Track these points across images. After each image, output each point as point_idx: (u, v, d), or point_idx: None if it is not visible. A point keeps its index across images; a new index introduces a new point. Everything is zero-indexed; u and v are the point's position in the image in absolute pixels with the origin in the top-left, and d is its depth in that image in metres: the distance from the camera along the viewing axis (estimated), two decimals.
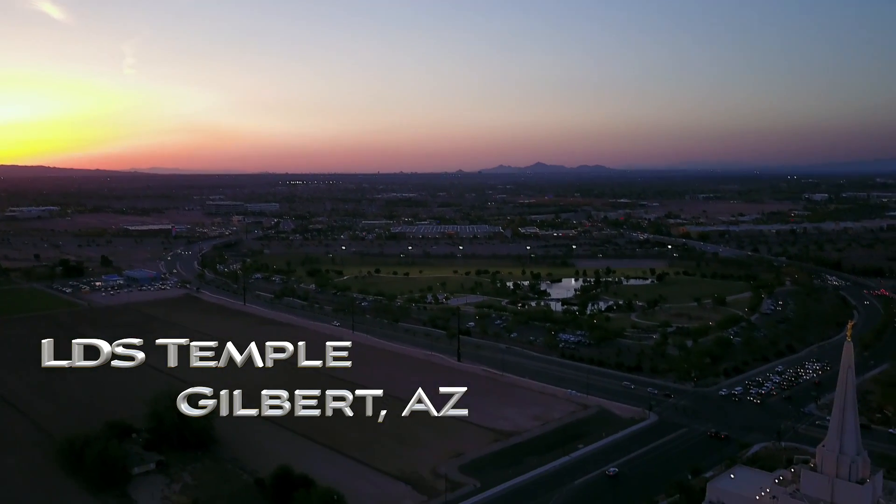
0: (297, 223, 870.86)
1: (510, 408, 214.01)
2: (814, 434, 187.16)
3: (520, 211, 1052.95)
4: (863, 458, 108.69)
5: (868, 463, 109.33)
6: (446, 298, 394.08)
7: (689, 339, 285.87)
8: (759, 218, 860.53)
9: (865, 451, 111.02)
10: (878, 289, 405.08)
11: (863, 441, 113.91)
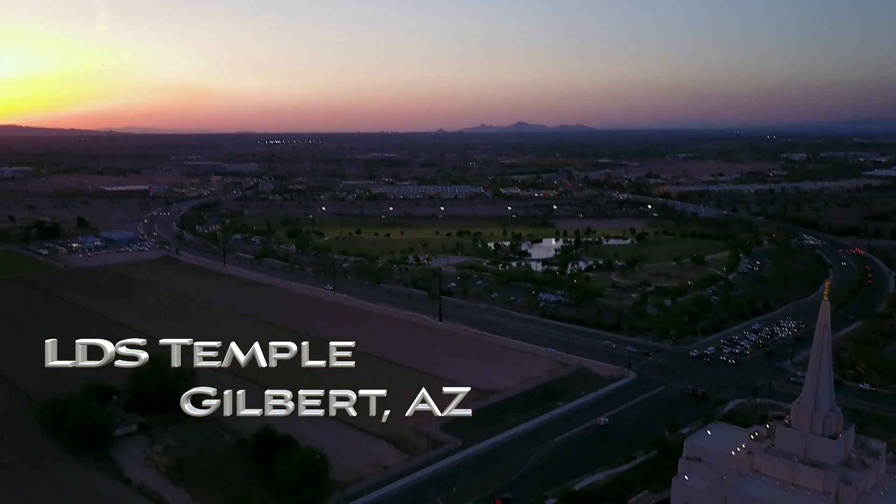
0: (276, 184, 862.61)
1: (491, 366, 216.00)
2: (788, 390, 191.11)
3: (501, 171, 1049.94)
4: (836, 413, 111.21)
5: (841, 419, 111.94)
6: (428, 259, 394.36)
7: (668, 299, 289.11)
8: (738, 178, 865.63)
9: (838, 406, 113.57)
10: (854, 248, 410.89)
11: (835, 397, 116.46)
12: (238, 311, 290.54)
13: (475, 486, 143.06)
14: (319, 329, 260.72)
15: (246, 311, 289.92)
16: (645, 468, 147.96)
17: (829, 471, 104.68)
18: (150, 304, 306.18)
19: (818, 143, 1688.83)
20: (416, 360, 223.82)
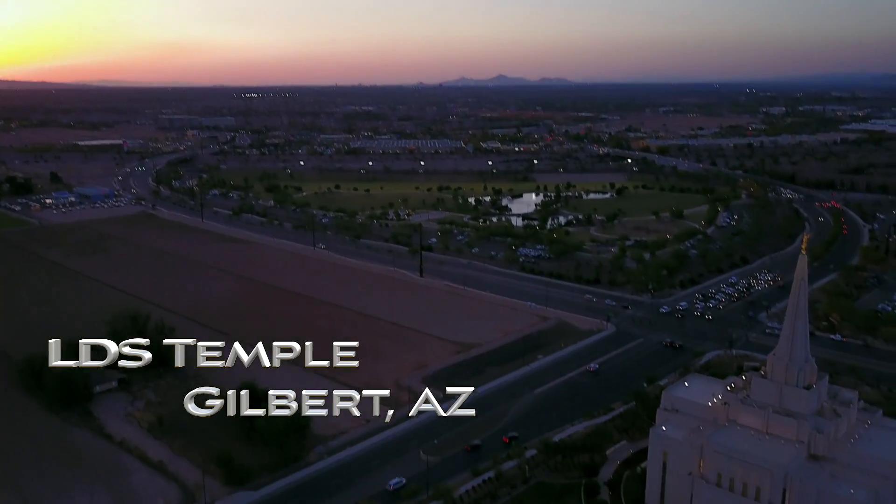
0: (253, 138, 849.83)
1: (472, 321, 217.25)
2: (764, 342, 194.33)
3: (481, 125, 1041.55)
4: (810, 365, 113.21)
5: (815, 370, 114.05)
6: (408, 215, 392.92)
7: (647, 252, 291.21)
8: (717, 132, 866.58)
9: (812, 358, 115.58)
10: (830, 201, 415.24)
11: (809, 348, 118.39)
12: (217, 267, 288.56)
13: (456, 439, 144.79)
14: (300, 285, 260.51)
15: (225, 267, 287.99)
16: (623, 419, 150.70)
17: (802, 420, 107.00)
18: (127, 260, 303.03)
19: (797, 97, 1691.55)
20: (397, 315, 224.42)
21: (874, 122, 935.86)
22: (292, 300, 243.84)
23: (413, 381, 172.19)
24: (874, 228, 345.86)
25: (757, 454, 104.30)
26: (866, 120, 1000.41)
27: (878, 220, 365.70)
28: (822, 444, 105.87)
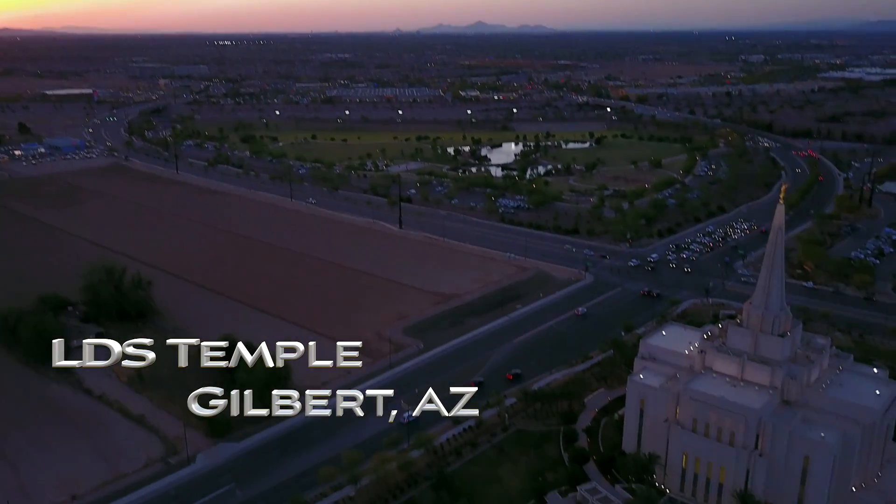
0: (227, 87, 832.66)
1: (451, 272, 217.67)
2: (740, 290, 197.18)
3: (460, 73, 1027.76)
4: (785, 313, 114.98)
5: (790, 317, 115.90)
6: (386, 165, 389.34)
7: (625, 202, 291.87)
8: (696, 80, 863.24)
9: (788, 306, 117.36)
10: (806, 150, 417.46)
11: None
12: (193, 219, 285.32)
13: (436, 388, 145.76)
14: (277, 237, 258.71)
15: (201, 219, 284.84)
16: (601, 367, 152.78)
17: (776, 367, 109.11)
18: (102, 213, 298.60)
19: (776, 45, 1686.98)
20: (376, 266, 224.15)
21: (851, 70, 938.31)
22: (270, 252, 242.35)
23: (393, 332, 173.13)
24: (849, 177, 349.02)
25: (731, 400, 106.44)
26: (844, 68, 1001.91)
27: (853, 168, 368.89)
28: (794, 389, 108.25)
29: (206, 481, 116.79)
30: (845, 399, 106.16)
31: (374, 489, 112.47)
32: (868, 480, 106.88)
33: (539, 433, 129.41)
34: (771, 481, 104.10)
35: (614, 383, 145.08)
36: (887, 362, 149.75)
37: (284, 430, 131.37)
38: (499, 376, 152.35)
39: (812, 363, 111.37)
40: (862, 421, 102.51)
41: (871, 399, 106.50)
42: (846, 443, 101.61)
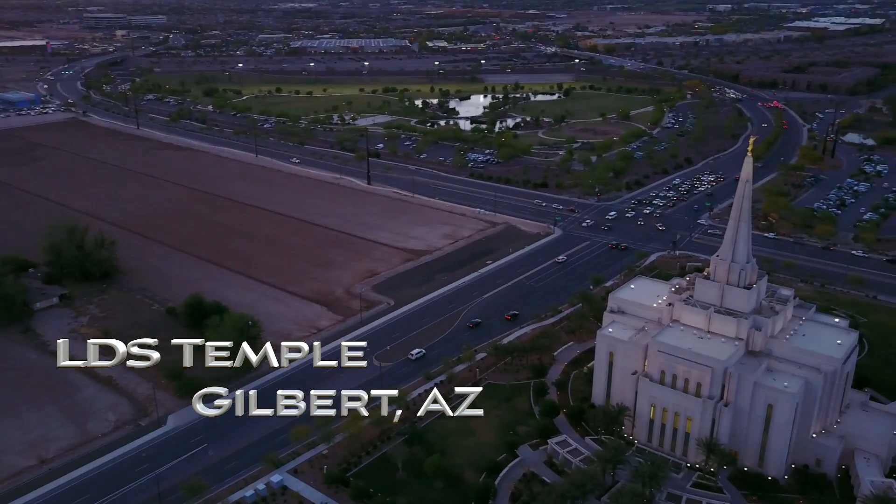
0: (188, 38, 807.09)
1: (421, 228, 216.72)
2: (706, 242, 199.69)
3: (427, 23, 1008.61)
4: (751, 265, 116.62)
5: (756, 270, 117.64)
6: (353, 119, 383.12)
7: (594, 155, 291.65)
8: (664, 30, 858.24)
9: (754, 259, 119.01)
10: (772, 101, 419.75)
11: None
12: (157, 176, 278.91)
13: (408, 346, 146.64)
14: (244, 193, 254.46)
15: (165, 176, 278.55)
16: (570, 321, 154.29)
17: (742, 318, 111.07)
18: (61, 170, 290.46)
19: None
20: (345, 223, 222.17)
21: (817, 20, 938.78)
22: (237, 209, 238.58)
23: (364, 289, 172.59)
24: (813, 128, 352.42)
25: (698, 352, 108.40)
26: (810, 17, 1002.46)
27: (817, 119, 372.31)
28: (759, 340, 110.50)
29: (178, 442, 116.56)
30: (808, 349, 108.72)
31: (347, 446, 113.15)
32: (828, 426, 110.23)
33: (510, 387, 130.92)
34: (736, 430, 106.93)
35: (584, 336, 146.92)
36: (847, 311, 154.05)
37: (256, 389, 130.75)
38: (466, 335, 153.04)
39: (776, 314, 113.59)
40: (824, 369, 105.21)
41: (833, 348, 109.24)
42: (808, 391, 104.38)
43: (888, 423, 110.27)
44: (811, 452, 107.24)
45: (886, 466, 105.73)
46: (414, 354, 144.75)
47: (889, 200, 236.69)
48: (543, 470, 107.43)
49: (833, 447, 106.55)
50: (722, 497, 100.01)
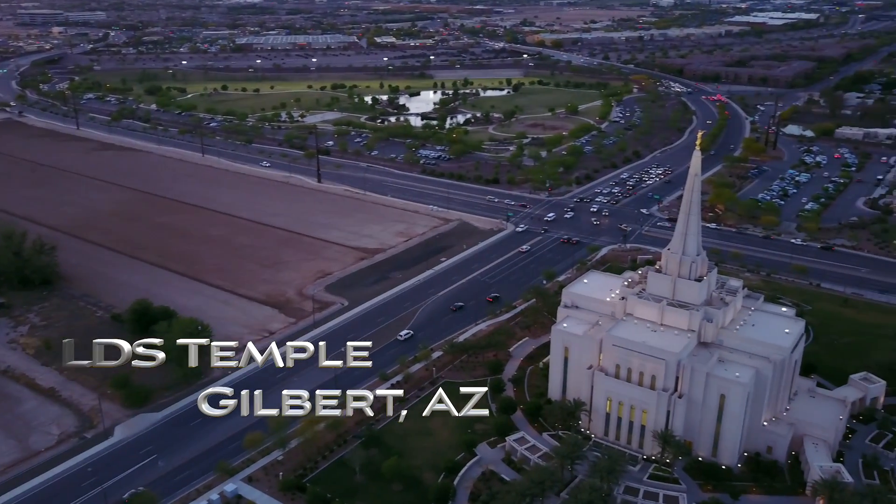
0: (129, 35, 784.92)
1: (374, 226, 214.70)
2: (656, 235, 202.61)
3: (375, 19, 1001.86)
4: (702, 258, 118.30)
5: (706, 262, 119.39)
6: (302, 116, 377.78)
7: (544, 150, 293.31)
8: (609, 25, 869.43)
9: (704, 251, 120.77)
10: (715, 94, 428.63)
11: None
12: (98, 177, 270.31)
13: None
14: (191, 194, 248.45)
15: (108, 177, 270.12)
16: (525, 316, 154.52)
17: (693, 311, 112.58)
18: None
19: None
20: (295, 222, 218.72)
21: (755, 15, 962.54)
22: (184, 210, 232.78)
23: (316, 289, 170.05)
24: (755, 120, 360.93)
25: (652, 345, 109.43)
26: (748, 12, 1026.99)
27: (758, 111, 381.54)
28: (711, 331, 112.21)
29: (126, 454, 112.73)
30: (757, 339, 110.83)
31: (303, 451, 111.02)
32: (778, 414, 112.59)
33: (467, 384, 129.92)
34: (690, 421, 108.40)
35: (538, 332, 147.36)
36: (793, 299, 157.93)
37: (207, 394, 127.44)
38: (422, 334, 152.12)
39: (727, 305, 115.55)
40: (773, 359, 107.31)
41: (781, 337, 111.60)
42: (759, 380, 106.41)
43: (835, 409, 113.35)
44: (762, 440, 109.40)
45: (834, 451, 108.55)
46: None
47: (829, 190, 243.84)
48: (502, 468, 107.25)
49: (783, 434, 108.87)
50: (678, 488, 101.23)
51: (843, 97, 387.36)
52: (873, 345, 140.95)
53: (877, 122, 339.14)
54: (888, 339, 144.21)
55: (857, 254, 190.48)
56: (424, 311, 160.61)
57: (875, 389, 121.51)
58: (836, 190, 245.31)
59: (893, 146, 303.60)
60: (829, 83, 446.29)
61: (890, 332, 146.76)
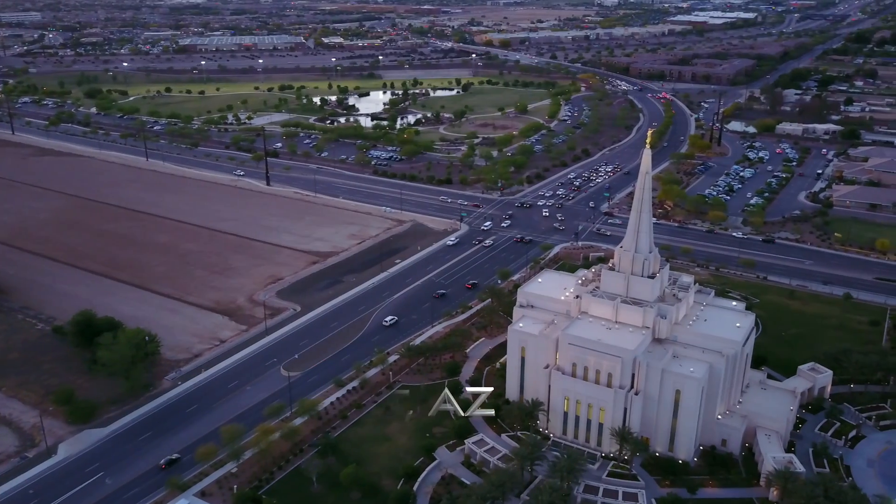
0: (66, 36, 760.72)
1: (326, 229, 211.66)
2: (607, 232, 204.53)
3: (322, 19, 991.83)
4: (654, 255, 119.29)
5: (659, 259, 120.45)
6: (249, 118, 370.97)
7: (495, 150, 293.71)
8: (556, 24, 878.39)
9: (656, 248, 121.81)
10: (661, 92, 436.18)
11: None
12: (37, 184, 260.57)
13: (318, 353, 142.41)
14: (135, 200, 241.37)
15: (46, 184, 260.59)
16: (481, 317, 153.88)
17: (647, 307, 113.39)
18: None
19: None
20: (245, 227, 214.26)
21: (697, 14, 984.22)
22: (128, 217, 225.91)
23: (267, 295, 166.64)
24: (700, 117, 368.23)
25: (608, 343, 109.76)
26: (690, 12, 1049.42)
27: (702, 109, 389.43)
28: (665, 328, 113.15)
29: (71, 473, 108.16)
30: (710, 333, 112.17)
31: (258, 462, 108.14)
32: (731, 407, 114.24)
33: (424, 388, 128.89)
34: (646, 417, 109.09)
35: (495, 332, 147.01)
36: (741, 293, 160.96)
37: (154, 410, 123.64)
38: (378, 338, 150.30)
39: (679, 301, 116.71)
40: (726, 353, 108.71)
41: (733, 331, 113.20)
42: (713, 375, 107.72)
43: (785, 400, 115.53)
44: (717, 433, 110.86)
45: (785, 442, 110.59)
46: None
47: (772, 185, 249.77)
48: (462, 471, 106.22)
49: (737, 427, 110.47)
50: (636, 484, 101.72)
51: (782, 94, 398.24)
52: (819, 335, 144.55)
53: (815, 117, 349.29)
54: (832, 329, 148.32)
55: (801, 246, 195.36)
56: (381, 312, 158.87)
57: (822, 379, 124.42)
58: (779, 184, 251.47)
59: (831, 141, 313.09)
60: (769, 80, 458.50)
61: (834, 323, 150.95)
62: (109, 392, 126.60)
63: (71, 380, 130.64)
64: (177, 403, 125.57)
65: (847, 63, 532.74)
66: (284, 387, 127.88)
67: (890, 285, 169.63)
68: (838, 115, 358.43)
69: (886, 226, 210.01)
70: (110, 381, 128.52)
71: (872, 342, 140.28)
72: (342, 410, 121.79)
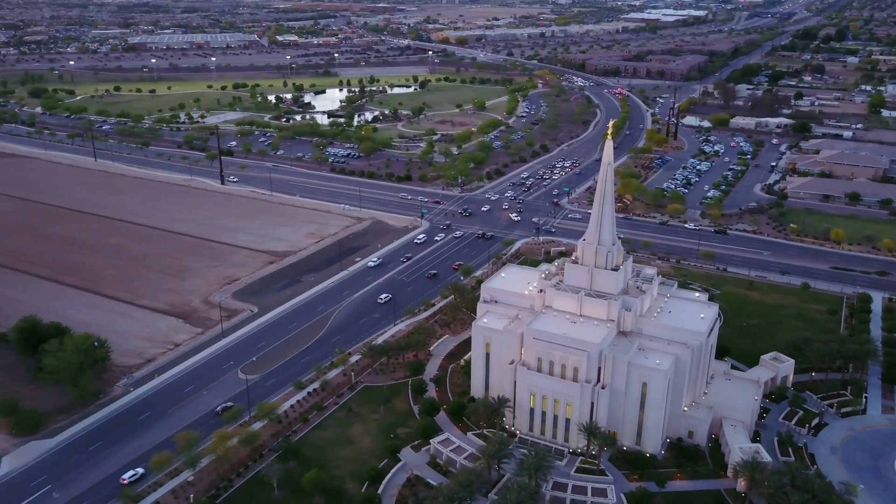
0: (8, 35, 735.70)
1: (283, 228, 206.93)
2: (568, 226, 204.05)
3: (276, 17, 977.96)
4: (617, 247, 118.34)
5: (622, 251, 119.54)
6: (202, 117, 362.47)
7: (454, 146, 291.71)
8: (512, 22, 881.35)
9: (619, 240, 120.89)
10: (616, 88, 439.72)
11: None
12: None
13: (277, 355, 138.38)
14: (84, 202, 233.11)
15: None
16: (444, 314, 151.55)
17: (612, 300, 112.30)
18: None
19: None
20: (199, 227, 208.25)
21: (649, 12, 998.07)
22: (77, 219, 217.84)
23: (223, 296, 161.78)
24: (655, 112, 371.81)
25: (573, 337, 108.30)
26: (642, 9, 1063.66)
27: (658, 104, 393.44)
28: (629, 320, 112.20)
29: (16, 487, 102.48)
30: (675, 325, 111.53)
31: (215, 469, 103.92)
32: (697, 398, 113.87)
33: (388, 387, 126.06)
34: (613, 411, 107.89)
35: (458, 328, 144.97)
36: (703, 284, 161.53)
37: (105, 419, 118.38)
38: (338, 339, 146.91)
39: (644, 293, 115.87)
40: (691, 344, 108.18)
41: (697, 323, 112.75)
42: (678, 367, 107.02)
43: (749, 390, 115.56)
44: (684, 425, 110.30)
45: (751, 431, 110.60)
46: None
47: (728, 178, 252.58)
48: (428, 472, 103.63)
49: (703, 418, 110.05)
50: (605, 480, 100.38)
51: (734, 89, 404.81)
52: (779, 325, 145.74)
53: (767, 111, 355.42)
54: (792, 318, 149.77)
55: (758, 237, 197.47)
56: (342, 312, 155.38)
57: (784, 368, 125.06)
58: (735, 177, 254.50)
59: (783, 134, 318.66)
60: (721, 76, 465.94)
61: (793, 312, 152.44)
62: (56, 401, 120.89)
63: (15, 389, 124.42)
64: (129, 411, 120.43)
65: (795, 59, 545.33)
66: (242, 390, 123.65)
67: (846, 274, 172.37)
68: (789, 109, 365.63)
69: (839, 216, 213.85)
70: (57, 390, 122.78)
71: (831, 331, 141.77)
72: (303, 413, 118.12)
